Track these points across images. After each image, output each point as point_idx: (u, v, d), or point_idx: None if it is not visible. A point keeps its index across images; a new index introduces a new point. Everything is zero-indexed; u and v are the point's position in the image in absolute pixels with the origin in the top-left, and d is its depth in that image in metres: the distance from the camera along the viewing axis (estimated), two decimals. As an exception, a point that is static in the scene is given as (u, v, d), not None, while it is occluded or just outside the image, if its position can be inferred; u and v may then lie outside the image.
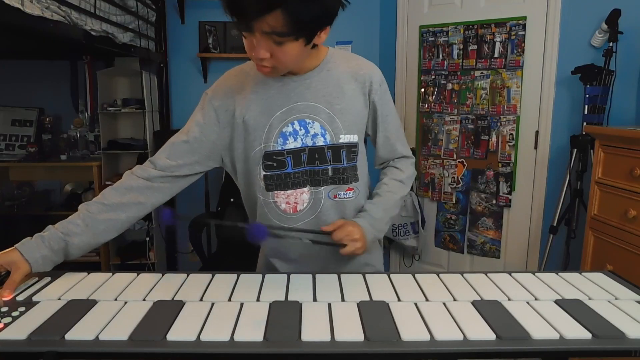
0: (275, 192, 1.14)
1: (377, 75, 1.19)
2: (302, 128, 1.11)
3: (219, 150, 1.17)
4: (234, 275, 1.07)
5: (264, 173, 1.14)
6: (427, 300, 0.94)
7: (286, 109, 1.11)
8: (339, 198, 1.16)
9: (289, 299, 0.95)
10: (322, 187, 1.14)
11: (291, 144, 1.12)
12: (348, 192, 1.17)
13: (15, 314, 0.87)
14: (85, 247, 1.13)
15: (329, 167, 1.14)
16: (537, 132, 2.56)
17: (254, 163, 1.14)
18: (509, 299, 0.95)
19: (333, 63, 1.14)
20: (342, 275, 1.07)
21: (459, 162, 2.86)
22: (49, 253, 1.07)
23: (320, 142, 1.12)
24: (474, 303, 0.92)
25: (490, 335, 0.80)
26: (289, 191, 1.14)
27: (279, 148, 1.12)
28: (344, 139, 1.13)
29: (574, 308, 0.90)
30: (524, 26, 2.51)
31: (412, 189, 3.03)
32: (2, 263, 0.99)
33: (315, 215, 1.15)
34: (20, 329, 0.81)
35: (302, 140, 1.12)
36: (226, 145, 1.17)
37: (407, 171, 1.27)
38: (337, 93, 1.13)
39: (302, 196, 1.14)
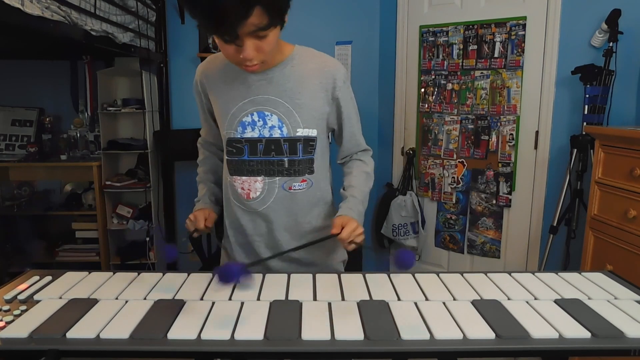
0: (234, 176, 1.22)
1: (341, 72, 1.21)
2: (260, 119, 1.17)
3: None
4: (235, 275, 1.07)
5: (226, 157, 1.23)
6: (427, 299, 0.95)
7: (247, 100, 1.17)
8: (293, 190, 1.21)
9: (289, 298, 0.95)
10: (277, 178, 1.20)
11: (249, 134, 1.18)
12: (302, 183, 1.21)
13: (16, 312, 0.87)
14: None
15: (285, 159, 1.19)
16: (537, 132, 2.56)
17: (224, 146, 1.24)
18: (509, 299, 0.95)
19: (298, 60, 1.18)
20: (342, 275, 1.07)
21: (459, 162, 2.86)
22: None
23: (277, 134, 1.17)
24: (473, 303, 0.93)
25: (490, 335, 0.80)
26: (244, 177, 1.21)
27: (238, 136, 1.18)
28: (302, 132, 1.18)
29: (574, 308, 0.90)
30: (524, 26, 2.51)
31: (412, 188, 3.04)
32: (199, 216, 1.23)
33: (268, 205, 1.21)
34: (21, 328, 0.81)
35: (259, 131, 1.18)
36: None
37: (370, 163, 1.34)
38: (298, 88, 1.16)
39: (255, 184, 1.21)
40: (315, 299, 0.95)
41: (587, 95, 2.25)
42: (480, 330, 0.81)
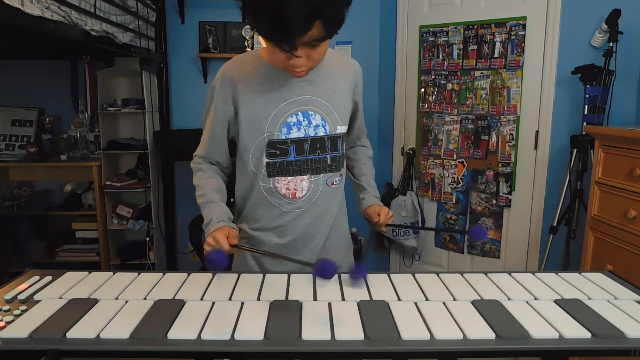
0: (277, 178, 1.21)
1: (360, 71, 1.32)
2: (305, 119, 1.19)
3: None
4: (235, 275, 1.07)
5: (267, 160, 1.19)
6: (427, 299, 0.95)
7: (290, 101, 1.18)
8: (335, 185, 1.27)
9: (290, 298, 0.95)
10: (322, 175, 1.23)
11: (294, 134, 1.19)
12: (339, 178, 1.28)
13: (16, 312, 0.87)
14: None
15: (328, 156, 1.23)
16: (537, 132, 2.56)
17: (257, 150, 1.19)
18: (509, 299, 0.95)
19: (327, 60, 1.21)
20: (342, 275, 1.07)
21: (459, 162, 2.86)
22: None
23: (321, 132, 1.21)
24: (473, 303, 0.93)
25: (490, 335, 0.80)
26: (289, 177, 1.21)
27: (283, 137, 1.18)
28: (340, 129, 1.24)
29: (574, 308, 0.90)
30: (524, 26, 2.51)
31: (412, 188, 3.04)
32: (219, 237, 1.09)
33: (313, 201, 1.23)
34: (21, 328, 0.81)
35: (305, 130, 1.19)
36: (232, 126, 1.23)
37: (369, 147, 1.48)
38: (333, 87, 1.22)
39: (301, 183, 1.22)
40: (315, 299, 0.95)
41: (587, 95, 2.25)
42: (480, 330, 0.81)
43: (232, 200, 1.29)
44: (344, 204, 1.36)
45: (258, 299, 0.95)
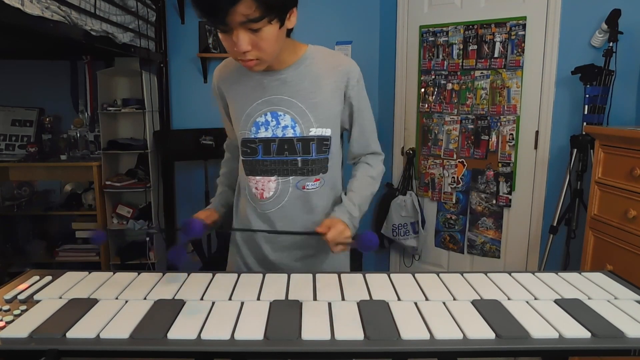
0: (249, 176, 1.23)
1: (355, 71, 1.21)
2: (273, 119, 1.18)
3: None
4: (235, 275, 1.07)
5: (242, 158, 1.24)
6: (427, 299, 0.95)
7: (262, 100, 1.18)
8: (307, 189, 1.21)
9: (289, 298, 0.95)
10: (290, 177, 1.20)
11: (262, 134, 1.19)
12: (315, 182, 1.22)
13: (16, 312, 0.87)
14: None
15: (299, 159, 1.19)
16: (537, 132, 2.56)
17: (240, 147, 1.24)
18: (509, 299, 0.95)
19: (312, 59, 1.19)
20: (342, 275, 1.07)
21: (459, 162, 2.86)
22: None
23: (289, 133, 1.17)
24: (473, 302, 0.93)
25: (490, 335, 0.80)
26: (258, 177, 1.22)
27: (252, 136, 1.19)
28: (315, 132, 1.18)
29: (574, 307, 0.90)
30: (524, 26, 2.51)
31: (412, 188, 3.04)
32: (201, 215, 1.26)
33: (282, 204, 1.21)
34: (21, 328, 0.81)
35: (272, 130, 1.18)
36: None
37: (377, 168, 1.33)
38: (312, 88, 1.17)
39: (269, 184, 1.21)
40: (315, 299, 0.95)
41: (587, 95, 2.25)
42: (480, 330, 0.81)
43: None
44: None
45: (258, 298, 0.95)
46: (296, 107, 1.16)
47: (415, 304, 0.92)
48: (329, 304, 0.91)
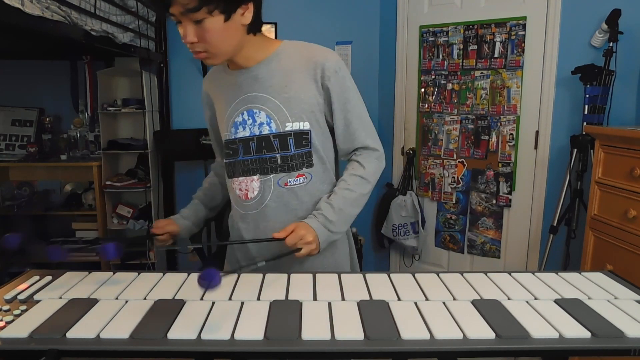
0: (232, 178, 1.23)
1: (331, 61, 1.15)
2: (250, 117, 1.17)
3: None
4: (235, 275, 1.07)
5: (225, 160, 1.24)
6: (427, 299, 0.95)
7: (238, 100, 1.18)
8: (290, 185, 1.18)
9: (289, 297, 0.95)
10: (271, 175, 1.18)
11: (241, 133, 1.18)
12: (298, 178, 1.18)
13: (16, 312, 0.87)
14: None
15: (277, 155, 1.17)
16: (537, 132, 2.56)
17: (224, 152, 1.25)
18: (509, 299, 0.95)
19: (284, 54, 1.17)
20: (342, 275, 1.07)
21: (459, 162, 2.86)
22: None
23: (265, 130, 1.16)
24: (473, 302, 0.93)
25: (490, 335, 0.80)
26: (240, 178, 1.21)
27: (232, 137, 1.19)
28: (292, 126, 1.15)
29: (574, 307, 0.90)
30: (524, 26, 2.51)
31: (412, 188, 3.04)
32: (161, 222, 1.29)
33: (265, 203, 1.19)
34: (21, 327, 0.81)
35: (250, 129, 1.18)
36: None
37: (369, 166, 1.22)
38: (285, 82, 1.15)
39: (252, 184, 1.20)
40: (315, 299, 0.95)
41: (587, 95, 2.25)
42: (480, 330, 0.81)
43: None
44: None
45: (258, 298, 0.95)
46: (270, 102, 1.15)
47: (415, 304, 0.92)
48: (329, 304, 0.91)
